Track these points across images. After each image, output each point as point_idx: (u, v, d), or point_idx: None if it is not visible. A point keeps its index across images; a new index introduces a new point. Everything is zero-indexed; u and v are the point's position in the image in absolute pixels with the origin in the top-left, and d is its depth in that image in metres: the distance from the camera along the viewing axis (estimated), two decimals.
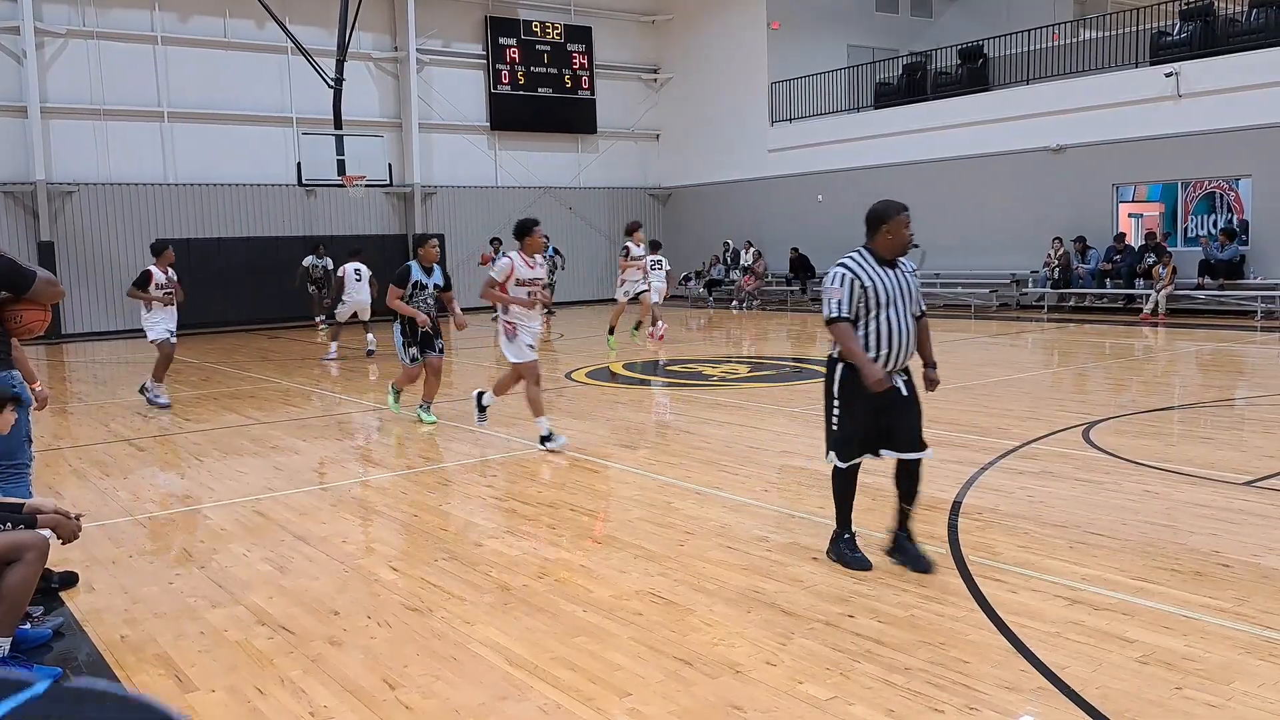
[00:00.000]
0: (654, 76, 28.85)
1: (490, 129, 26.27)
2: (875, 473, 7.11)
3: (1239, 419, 9.14)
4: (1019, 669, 3.78)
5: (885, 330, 4.85)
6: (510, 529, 6.04)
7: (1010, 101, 20.84)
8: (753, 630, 4.25)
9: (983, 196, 21.06)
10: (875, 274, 4.88)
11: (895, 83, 23.96)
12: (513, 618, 4.49)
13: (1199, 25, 18.46)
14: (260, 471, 7.92)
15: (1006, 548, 5.26)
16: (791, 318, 21.53)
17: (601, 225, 27.52)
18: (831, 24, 25.91)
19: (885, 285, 4.86)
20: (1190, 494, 6.28)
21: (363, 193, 22.60)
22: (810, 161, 24.50)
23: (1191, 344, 14.52)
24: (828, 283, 4.93)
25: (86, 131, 21.30)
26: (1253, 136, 17.15)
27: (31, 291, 4.64)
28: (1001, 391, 10.61)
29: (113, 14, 21.46)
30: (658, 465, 7.58)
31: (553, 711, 3.58)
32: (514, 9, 26.47)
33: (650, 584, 4.89)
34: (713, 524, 5.92)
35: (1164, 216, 22.43)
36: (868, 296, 4.84)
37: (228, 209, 22.71)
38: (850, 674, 3.78)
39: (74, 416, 11.17)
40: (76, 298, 21.09)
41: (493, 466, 7.82)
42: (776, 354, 15.37)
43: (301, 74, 22.17)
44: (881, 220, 4.95)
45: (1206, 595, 4.48)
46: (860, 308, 4.85)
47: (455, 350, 17.72)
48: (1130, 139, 18.75)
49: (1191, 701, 3.48)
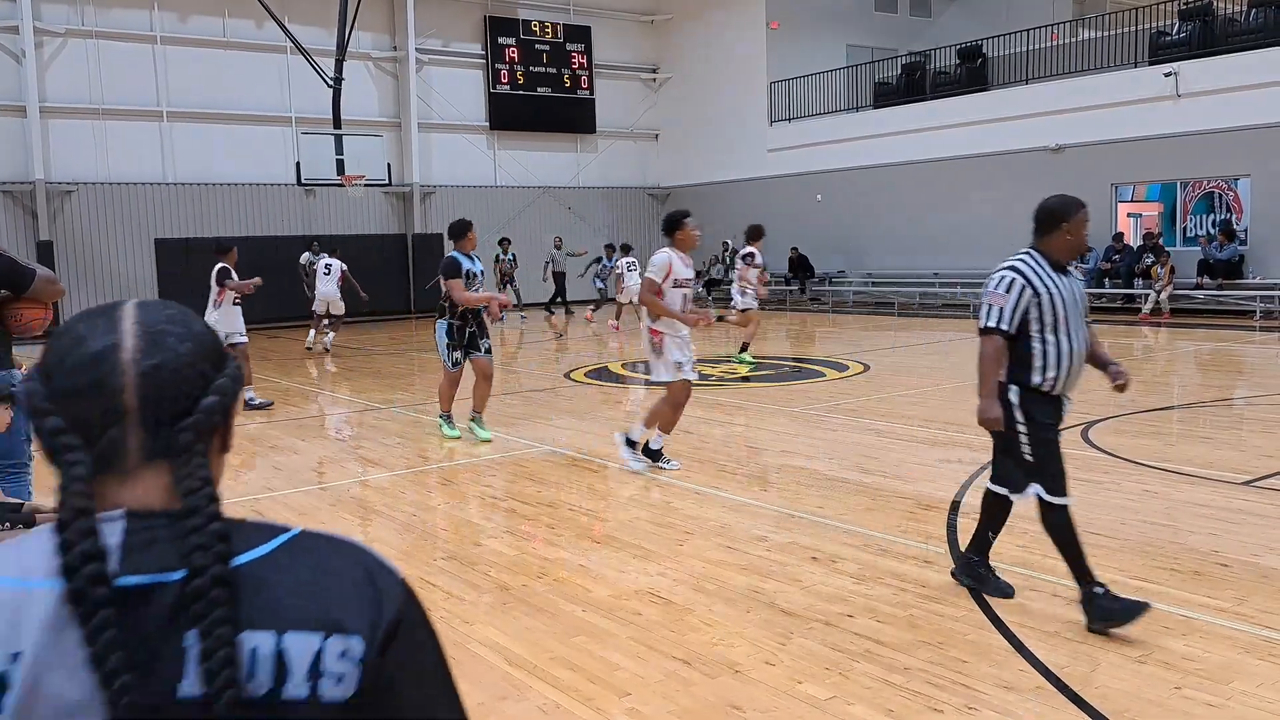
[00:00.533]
0: (653, 76, 28.85)
1: (489, 129, 26.27)
2: (874, 472, 7.12)
3: (1238, 419, 9.15)
4: (1018, 669, 3.79)
5: (1059, 349, 4.14)
6: (510, 529, 6.04)
7: (1009, 101, 20.85)
8: (752, 630, 4.25)
9: (982, 196, 21.06)
10: (1049, 281, 4.15)
11: (894, 82, 23.97)
12: (512, 617, 4.49)
13: (1198, 25, 18.46)
14: (259, 471, 7.92)
15: (1005, 547, 5.25)
16: (791, 317, 21.54)
17: (601, 225, 27.51)
18: (830, 24, 25.91)
19: (1062, 295, 4.14)
20: (1189, 494, 6.28)
21: (362, 192, 22.59)
22: (809, 161, 24.51)
23: (1190, 344, 14.52)
24: (991, 286, 4.20)
25: (85, 131, 21.29)
26: (1251, 136, 17.15)
27: (31, 290, 4.64)
28: None
29: (112, 13, 21.45)
30: (657, 464, 7.57)
31: (552, 711, 3.58)
32: (513, 9, 26.46)
33: (649, 584, 4.89)
34: (712, 524, 5.92)
35: (1163, 216, 22.44)
36: (1040, 307, 4.13)
37: (227, 209, 22.71)
38: (849, 674, 3.78)
39: None
40: (75, 297, 21.04)
41: (492, 466, 7.81)
42: (776, 354, 15.38)
43: (301, 74, 22.16)
44: (1060, 218, 4.18)
45: (1205, 595, 4.49)
46: (1030, 320, 4.14)
47: None
48: (1129, 139, 18.76)
49: (1191, 701, 3.49)
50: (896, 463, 7.41)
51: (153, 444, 0.97)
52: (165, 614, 0.90)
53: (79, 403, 0.96)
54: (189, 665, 0.89)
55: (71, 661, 0.87)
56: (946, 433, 8.36)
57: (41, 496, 5.61)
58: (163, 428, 0.97)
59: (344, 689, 0.93)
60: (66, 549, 0.89)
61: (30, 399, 0.97)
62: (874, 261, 23.54)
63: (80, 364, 0.96)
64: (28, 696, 0.87)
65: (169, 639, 0.90)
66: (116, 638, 0.87)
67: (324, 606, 0.94)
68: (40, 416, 0.96)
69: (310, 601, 0.94)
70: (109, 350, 0.97)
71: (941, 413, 9.35)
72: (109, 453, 0.96)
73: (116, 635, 0.87)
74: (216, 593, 0.90)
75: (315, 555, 0.98)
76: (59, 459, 0.94)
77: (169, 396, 0.97)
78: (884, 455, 7.69)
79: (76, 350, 0.97)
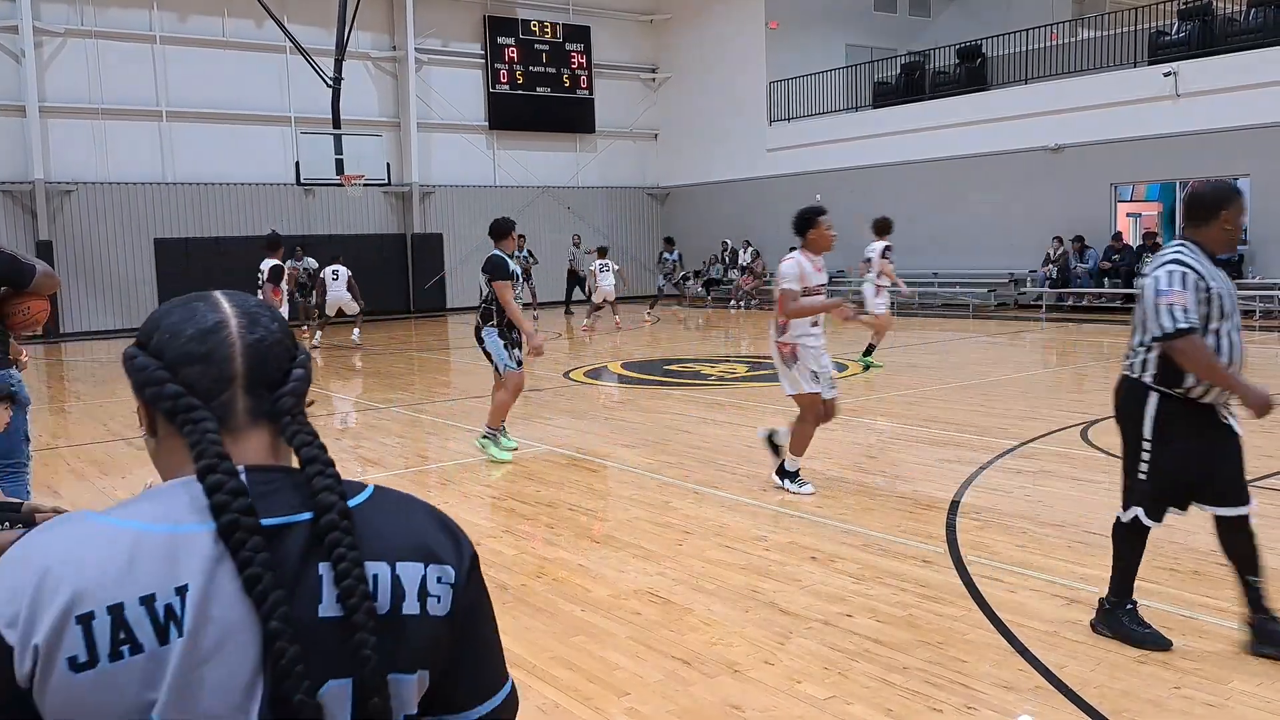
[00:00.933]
0: (652, 76, 28.85)
1: (489, 128, 26.26)
2: (873, 472, 7.12)
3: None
4: (1017, 668, 3.79)
5: (1227, 346, 3.83)
6: (509, 528, 6.04)
7: (1008, 101, 20.84)
8: (751, 629, 4.25)
9: (981, 196, 21.06)
10: (1214, 275, 3.80)
11: (893, 82, 23.97)
12: (511, 617, 4.49)
13: (1197, 25, 18.47)
14: None
15: (1005, 547, 5.26)
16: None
17: (600, 225, 27.50)
18: (830, 23, 25.91)
19: (1226, 290, 3.81)
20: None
21: (361, 192, 22.58)
22: (808, 161, 24.50)
23: None
24: (1160, 284, 3.76)
25: (85, 131, 21.28)
26: (1251, 136, 17.16)
27: (33, 285, 4.65)
28: (1000, 391, 10.62)
29: (111, 13, 21.44)
30: (656, 464, 7.58)
31: (551, 711, 3.58)
32: (513, 8, 26.46)
33: (648, 583, 4.89)
34: (711, 523, 5.92)
35: (1162, 216, 22.44)
36: (1210, 304, 3.75)
37: (226, 208, 22.70)
38: (848, 673, 3.78)
39: (72, 416, 11.16)
40: (75, 297, 21.08)
41: (491, 466, 7.81)
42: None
43: (300, 73, 22.15)
44: (1219, 206, 3.86)
45: (1205, 594, 4.49)
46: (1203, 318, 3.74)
47: (452, 346, 17.74)
48: (1128, 138, 18.76)
49: (1190, 701, 3.48)
50: (895, 462, 7.42)
51: (257, 407, 1.12)
52: (299, 549, 1.05)
53: (196, 369, 1.10)
54: (325, 591, 1.05)
55: (229, 589, 1.01)
56: (946, 432, 8.37)
57: (40, 496, 5.62)
58: (264, 394, 1.13)
59: (443, 607, 1.12)
60: (215, 491, 1.02)
61: (145, 369, 1.10)
62: None
63: (196, 335, 1.11)
64: (197, 622, 1.00)
65: (305, 570, 1.05)
66: (267, 562, 1.01)
67: (421, 541, 1.13)
68: (159, 384, 1.09)
69: (409, 538, 1.13)
70: (219, 325, 1.12)
71: (941, 412, 9.36)
72: (221, 414, 1.11)
73: (267, 560, 1.01)
74: (345, 525, 1.06)
75: (399, 504, 1.17)
76: (185, 417, 1.08)
77: (269, 366, 1.13)
78: (883, 455, 7.69)
79: (189, 324, 1.12)
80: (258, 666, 1.01)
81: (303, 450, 1.10)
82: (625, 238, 27.82)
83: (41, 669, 0.97)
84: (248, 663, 1.01)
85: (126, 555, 1.00)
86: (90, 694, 0.97)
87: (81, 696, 0.97)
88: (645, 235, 28.80)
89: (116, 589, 0.98)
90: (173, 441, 1.11)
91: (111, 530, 1.02)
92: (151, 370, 1.10)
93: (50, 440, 9.35)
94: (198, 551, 1.01)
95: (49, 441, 9.22)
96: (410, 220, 25.12)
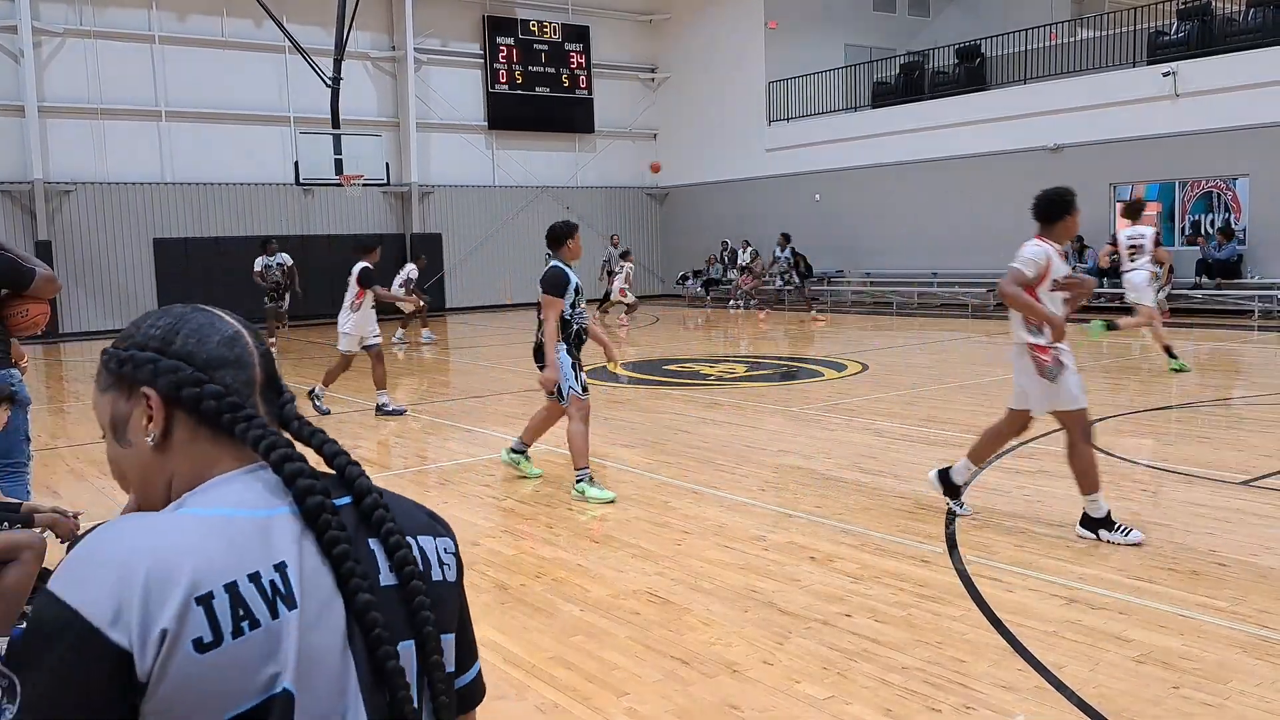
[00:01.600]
0: (651, 76, 28.85)
1: (488, 128, 26.26)
2: (872, 471, 7.12)
3: (1236, 418, 9.15)
4: (1016, 668, 3.79)
5: None
6: (508, 528, 6.04)
7: (1007, 101, 20.85)
8: (750, 629, 4.25)
9: (980, 196, 21.06)
10: None
11: (892, 82, 23.97)
12: (510, 617, 4.49)
13: (1196, 25, 18.47)
14: None
15: (1003, 547, 5.26)
16: (789, 317, 21.54)
17: (599, 225, 27.50)
18: (829, 23, 25.91)
19: None
20: (1187, 493, 6.29)
21: (360, 192, 22.58)
22: (807, 161, 24.51)
23: (1189, 343, 14.53)
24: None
25: (84, 131, 21.28)
26: (1250, 136, 17.16)
27: (32, 288, 4.65)
28: (999, 391, 10.60)
29: (110, 13, 21.44)
30: (655, 464, 7.58)
31: (550, 710, 3.58)
32: (512, 8, 26.46)
33: (647, 583, 4.89)
34: (710, 523, 5.92)
35: (1161, 216, 22.44)
36: None
37: (225, 208, 22.70)
38: (847, 673, 3.78)
39: (71, 416, 11.16)
40: (75, 298, 21.07)
41: (490, 466, 7.81)
42: (774, 353, 15.38)
43: (299, 73, 22.15)
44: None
45: (1204, 594, 4.49)
46: None
47: (451, 346, 17.72)
48: (1127, 138, 18.76)
49: (1189, 701, 3.49)
50: (894, 462, 7.42)
51: (270, 411, 1.20)
52: (352, 528, 1.14)
53: (229, 373, 1.16)
54: (380, 562, 1.15)
55: (315, 564, 1.08)
56: (945, 433, 8.37)
57: (40, 496, 5.61)
58: (273, 399, 1.21)
59: (454, 574, 1.25)
60: (296, 477, 1.10)
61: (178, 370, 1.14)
62: (872, 261, 23.55)
63: (223, 341, 1.17)
64: (303, 594, 1.06)
65: (360, 546, 1.13)
66: (350, 539, 1.10)
67: (425, 519, 1.27)
68: (198, 384, 1.14)
69: (416, 517, 1.26)
70: (238, 334, 1.19)
71: (939, 412, 9.36)
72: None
73: (350, 537, 1.10)
74: (386, 505, 1.18)
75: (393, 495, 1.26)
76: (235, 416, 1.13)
77: (275, 374, 1.22)
78: (882, 455, 7.69)
79: (213, 331, 1.18)
80: (345, 632, 1.08)
81: (324, 447, 1.17)
82: (624, 238, 27.79)
83: (164, 657, 0.97)
84: (340, 630, 1.08)
85: (225, 538, 1.05)
86: (214, 672, 0.99)
87: (204, 677, 0.99)
88: (645, 235, 28.79)
89: (226, 569, 1.02)
90: (198, 444, 1.15)
91: (199, 519, 1.07)
92: (187, 372, 1.14)
93: (50, 440, 9.34)
94: (286, 532, 1.08)
95: (48, 441, 9.22)
96: (409, 220, 25.11)
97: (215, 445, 1.14)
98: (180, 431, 1.15)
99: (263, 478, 1.12)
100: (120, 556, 1.01)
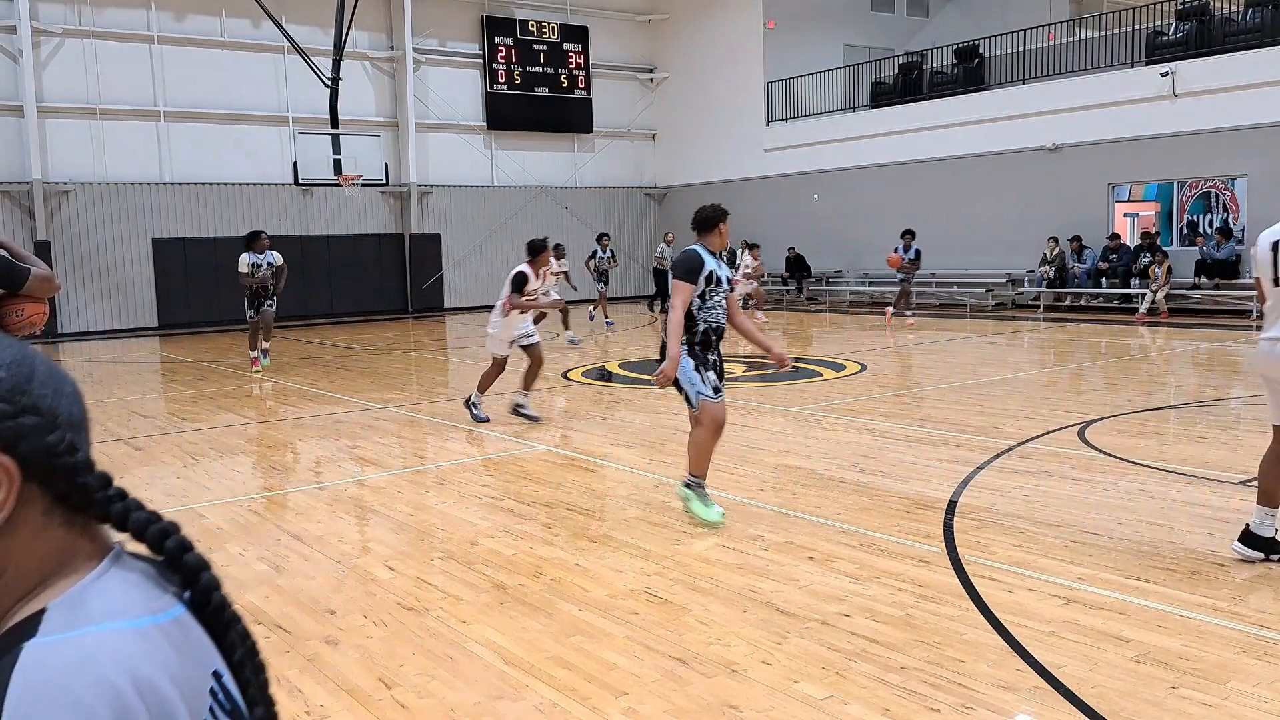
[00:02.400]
0: (650, 76, 28.85)
1: (486, 128, 26.26)
2: (870, 472, 7.12)
3: (1234, 418, 9.16)
4: (1015, 668, 3.79)
5: None
6: (506, 528, 6.04)
7: (1006, 101, 20.86)
8: (749, 629, 4.25)
9: (979, 196, 21.08)
10: None
11: (891, 82, 23.99)
12: (509, 617, 4.49)
13: (1195, 25, 18.49)
14: (256, 471, 7.91)
15: (1002, 547, 5.26)
16: (788, 317, 21.54)
17: (597, 225, 27.50)
18: (827, 23, 25.93)
19: None
20: (1186, 493, 6.29)
21: (359, 192, 22.58)
22: (806, 161, 24.52)
23: (1187, 343, 14.54)
24: None
25: (83, 130, 21.27)
26: (1248, 136, 17.18)
27: (27, 288, 4.63)
28: (997, 391, 10.62)
29: (109, 13, 21.43)
30: (654, 464, 7.58)
31: (548, 710, 3.58)
32: (510, 8, 26.46)
33: (646, 583, 4.89)
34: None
35: (1160, 216, 22.47)
36: None
37: (224, 208, 22.69)
38: (846, 673, 3.78)
39: None
40: (74, 298, 21.07)
41: (489, 466, 7.81)
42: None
43: (298, 73, 22.16)
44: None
45: (1202, 594, 4.49)
46: None
47: (450, 347, 17.72)
48: (1126, 138, 18.78)
49: (1187, 701, 3.49)
50: (893, 462, 7.41)
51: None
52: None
53: (82, 433, 0.94)
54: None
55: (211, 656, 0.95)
56: (943, 433, 8.37)
57: None
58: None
59: None
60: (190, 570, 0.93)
61: (43, 430, 0.89)
62: (871, 261, 23.55)
63: (74, 396, 0.94)
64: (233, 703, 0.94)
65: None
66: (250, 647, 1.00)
67: None
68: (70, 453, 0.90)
69: None
70: (76, 384, 0.95)
71: (938, 412, 9.36)
72: None
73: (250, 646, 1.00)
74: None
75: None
76: (106, 495, 0.91)
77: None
78: (881, 455, 7.69)
79: (62, 381, 0.94)
80: None
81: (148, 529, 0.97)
82: (623, 238, 27.79)
83: None
84: None
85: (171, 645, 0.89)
86: None
87: None
88: (644, 235, 28.79)
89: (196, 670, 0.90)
90: (51, 530, 0.90)
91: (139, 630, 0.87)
92: (62, 437, 0.89)
93: None
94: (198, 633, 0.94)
95: None
96: (408, 220, 25.10)
97: (70, 530, 0.90)
98: (27, 511, 0.88)
99: (137, 568, 0.92)
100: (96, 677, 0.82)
